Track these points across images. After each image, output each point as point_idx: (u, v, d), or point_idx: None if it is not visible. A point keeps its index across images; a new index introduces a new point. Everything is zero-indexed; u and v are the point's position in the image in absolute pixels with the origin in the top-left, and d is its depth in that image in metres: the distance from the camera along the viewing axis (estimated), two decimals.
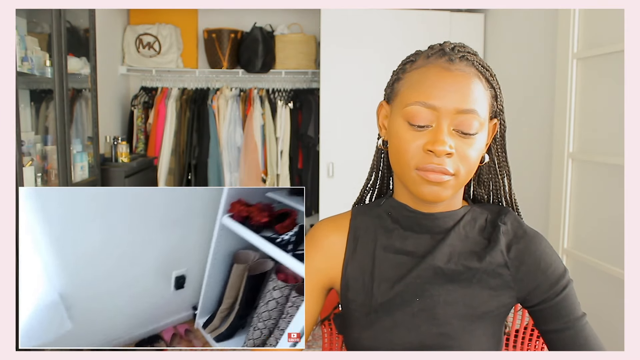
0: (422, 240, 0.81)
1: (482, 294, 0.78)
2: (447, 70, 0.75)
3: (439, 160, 0.73)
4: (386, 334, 0.78)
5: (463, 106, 0.74)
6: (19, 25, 2.11)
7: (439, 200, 0.76)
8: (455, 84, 0.74)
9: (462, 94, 0.74)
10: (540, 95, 2.45)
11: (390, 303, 0.78)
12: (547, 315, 0.78)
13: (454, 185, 0.75)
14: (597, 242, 2.03)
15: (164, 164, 3.45)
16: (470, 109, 0.74)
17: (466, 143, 0.75)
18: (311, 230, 0.88)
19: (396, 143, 0.77)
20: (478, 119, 0.75)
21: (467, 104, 0.74)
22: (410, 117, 0.75)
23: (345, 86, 3.10)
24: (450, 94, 0.74)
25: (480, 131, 0.76)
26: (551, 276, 0.78)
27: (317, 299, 0.83)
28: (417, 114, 0.74)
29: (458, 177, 0.75)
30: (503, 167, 0.86)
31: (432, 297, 0.77)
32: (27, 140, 1.95)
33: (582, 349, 0.77)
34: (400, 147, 0.76)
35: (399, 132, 0.76)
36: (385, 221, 0.84)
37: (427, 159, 0.73)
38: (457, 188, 0.77)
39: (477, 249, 0.80)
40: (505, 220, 0.82)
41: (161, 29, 3.48)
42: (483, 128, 0.77)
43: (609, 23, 1.94)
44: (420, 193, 0.75)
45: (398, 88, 0.80)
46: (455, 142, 0.74)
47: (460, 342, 0.76)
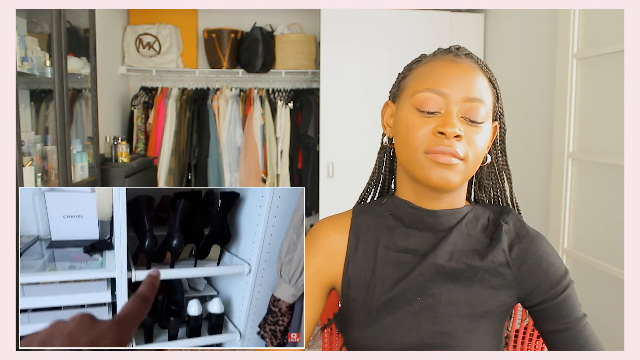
0: (424, 238, 0.81)
1: (483, 293, 0.78)
2: (454, 62, 0.78)
3: (449, 142, 0.74)
4: (387, 333, 0.78)
5: (470, 94, 0.76)
6: (19, 25, 2.11)
7: (447, 186, 0.76)
8: (462, 74, 0.77)
9: (469, 83, 0.76)
10: (540, 95, 2.45)
11: (391, 302, 0.78)
12: (548, 316, 0.78)
13: (462, 170, 0.76)
14: (597, 242, 2.03)
15: (164, 164, 3.45)
16: (477, 97, 0.76)
17: (474, 130, 0.76)
18: (312, 229, 0.88)
19: (405, 130, 0.78)
20: (484, 107, 0.77)
21: (474, 93, 0.76)
22: (420, 103, 0.76)
23: (345, 86, 3.10)
24: (458, 81, 0.76)
25: (486, 120, 0.77)
26: (552, 277, 0.78)
27: (318, 298, 0.83)
28: (428, 99, 0.76)
29: (467, 162, 0.76)
30: (504, 171, 0.87)
31: (434, 296, 0.78)
32: (27, 140, 1.95)
33: (582, 349, 0.77)
34: (410, 133, 0.77)
35: (407, 119, 0.78)
36: (387, 219, 0.84)
37: (437, 141, 0.74)
38: (465, 175, 0.77)
39: (479, 247, 0.80)
40: (508, 219, 0.82)
41: (161, 29, 3.48)
42: (488, 118, 0.78)
43: (609, 23, 1.94)
44: (429, 178, 0.75)
45: (405, 84, 0.82)
46: (464, 129, 0.75)
47: (461, 342, 0.76)
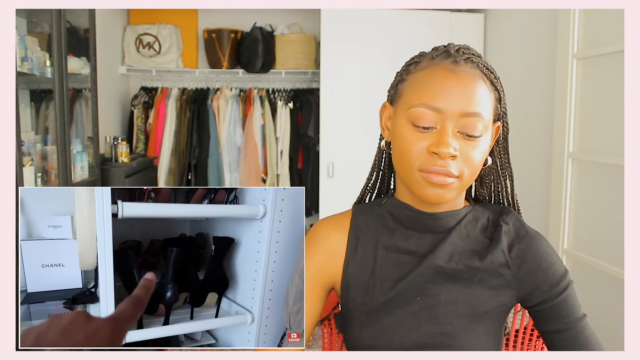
0: (423, 239, 0.81)
1: (483, 294, 0.78)
2: (451, 72, 0.75)
3: (443, 162, 0.73)
4: (386, 333, 0.78)
5: (468, 109, 0.73)
6: (19, 25, 2.11)
7: (442, 202, 0.76)
8: (460, 86, 0.74)
9: (466, 96, 0.73)
10: (540, 95, 2.45)
11: (391, 302, 0.78)
12: (547, 316, 0.78)
13: (457, 187, 0.75)
14: (597, 242, 2.03)
15: (164, 164, 3.45)
16: (475, 112, 0.74)
17: (470, 145, 0.74)
18: (311, 229, 0.88)
19: (400, 144, 0.77)
20: (482, 121, 0.74)
21: (472, 107, 0.73)
22: (415, 118, 0.75)
23: (345, 86, 3.11)
24: (454, 96, 0.73)
25: (484, 133, 0.76)
26: (552, 277, 0.78)
27: (317, 298, 0.83)
28: (422, 115, 0.74)
29: (462, 179, 0.75)
30: (505, 169, 0.86)
31: (433, 297, 0.77)
32: (27, 140, 1.95)
33: (582, 349, 0.77)
34: (404, 149, 0.75)
35: (402, 134, 0.76)
36: (386, 220, 0.84)
37: (431, 160, 0.73)
38: (461, 190, 0.77)
39: (478, 248, 0.80)
40: (507, 219, 0.82)
41: (161, 29, 3.48)
42: (487, 130, 0.76)
43: (609, 23, 1.94)
44: (424, 195, 0.75)
45: (402, 89, 0.80)
46: (460, 145, 0.74)
47: (460, 342, 0.76)
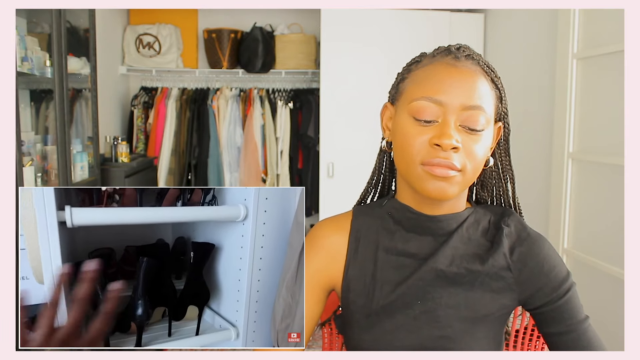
0: (424, 242, 0.80)
1: (484, 297, 0.77)
2: (453, 67, 0.75)
3: (445, 154, 0.72)
4: (387, 336, 0.77)
5: (469, 102, 0.73)
6: (19, 25, 2.11)
7: (444, 197, 0.74)
8: (461, 80, 0.74)
9: (468, 90, 0.73)
10: (540, 95, 2.45)
11: (391, 305, 0.78)
12: (550, 318, 0.78)
13: (460, 181, 0.74)
14: (597, 242, 2.03)
15: (164, 164, 3.45)
16: (477, 105, 0.73)
17: (472, 139, 0.74)
18: (312, 230, 0.87)
19: (401, 139, 0.76)
20: (484, 114, 0.74)
21: (474, 100, 0.73)
22: (416, 111, 0.74)
23: (345, 86, 3.10)
24: (456, 89, 0.73)
25: (486, 128, 0.75)
26: (554, 279, 0.78)
27: (317, 299, 0.82)
28: (423, 108, 0.73)
29: (464, 173, 0.74)
30: (507, 172, 0.86)
31: (434, 300, 0.77)
32: (27, 140, 1.95)
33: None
34: (406, 142, 0.75)
35: (404, 128, 0.76)
36: (387, 222, 0.83)
37: (433, 153, 0.72)
38: (463, 186, 0.75)
39: (479, 251, 0.79)
40: (509, 222, 0.81)
41: (161, 29, 3.48)
42: (489, 125, 0.76)
43: (609, 23, 1.94)
44: (426, 189, 0.74)
45: (403, 87, 0.80)
46: (462, 138, 0.73)
47: (461, 345, 0.76)
